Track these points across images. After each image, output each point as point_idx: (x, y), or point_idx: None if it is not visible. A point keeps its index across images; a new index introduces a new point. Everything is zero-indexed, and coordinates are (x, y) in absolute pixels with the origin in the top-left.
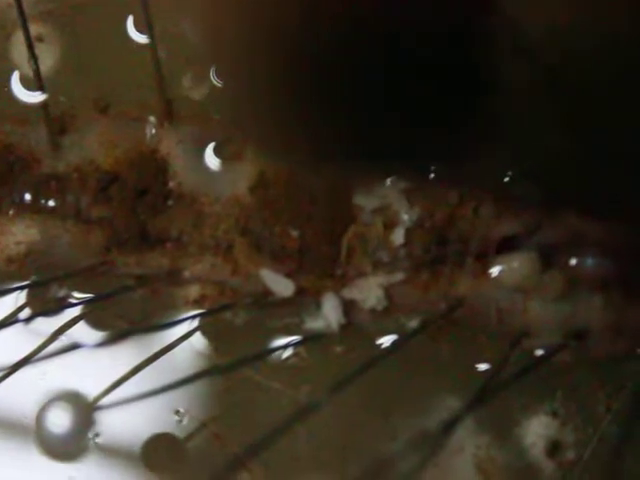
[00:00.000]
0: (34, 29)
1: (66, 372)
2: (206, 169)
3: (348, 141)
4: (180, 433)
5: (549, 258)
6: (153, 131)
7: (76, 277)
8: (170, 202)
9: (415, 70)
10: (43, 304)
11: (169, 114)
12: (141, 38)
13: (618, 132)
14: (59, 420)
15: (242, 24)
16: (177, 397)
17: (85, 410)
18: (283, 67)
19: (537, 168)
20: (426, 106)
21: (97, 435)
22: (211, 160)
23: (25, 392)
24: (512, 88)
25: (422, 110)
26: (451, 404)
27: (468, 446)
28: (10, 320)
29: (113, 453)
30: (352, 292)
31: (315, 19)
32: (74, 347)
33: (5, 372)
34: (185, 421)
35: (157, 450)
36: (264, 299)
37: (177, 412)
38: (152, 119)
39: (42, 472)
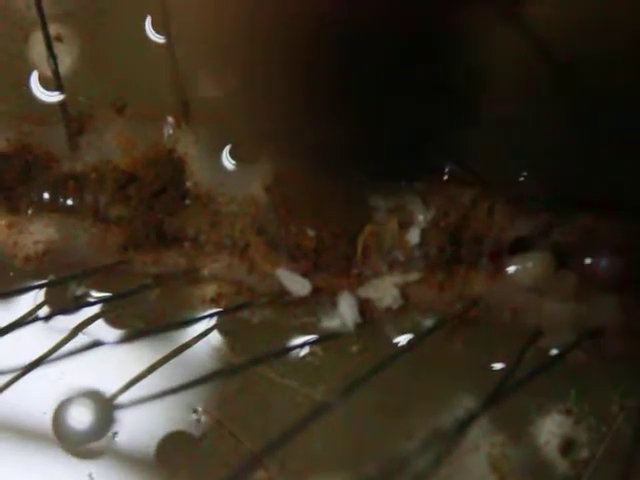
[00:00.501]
0: (53, 29)
1: (84, 370)
2: (223, 169)
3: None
4: (196, 431)
5: (563, 258)
6: (170, 131)
7: (94, 276)
8: (187, 202)
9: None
10: (61, 302)
11: (186, 114)
12: (159, 38)
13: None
14: (78, 417)
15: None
16: (194, 395)
17: (103, 408)
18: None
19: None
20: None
21: (116, 433)
22: (227, 160)
23: (44, 390)
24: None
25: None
26: (466, 403)
27: (483, 445)
28: (29, 318)
29: (131, 451)
30: (368, 291)
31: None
32: (94, 345)
33: (23, 370)
34: (202, 419)
35: (174, 448)
36: (280, 298)
37: (194, 411)
38: (170, 119)
39: (62, 469)
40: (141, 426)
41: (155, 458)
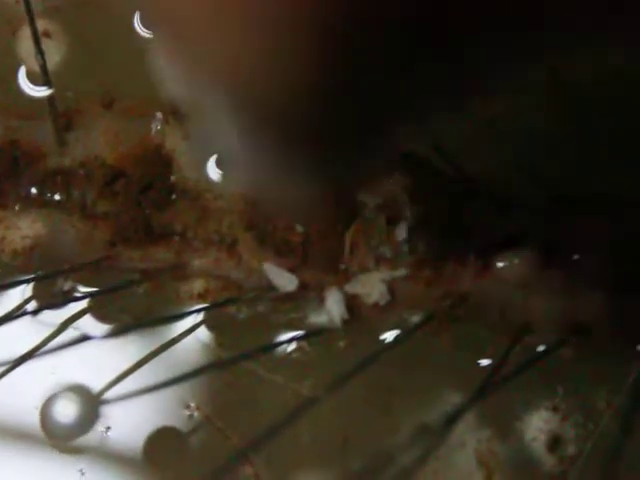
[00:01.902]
0: (41, 25)
1: (72, 365)
2: (210, 165)
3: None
4: (184, 426)
5: (550, 254)
6: (158, 127)
7: (81, 271)
8: (174, 197)
9: None
10: (49, 297)
11: (174, 110)
12: (147, 34)
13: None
14: (66, 413)
15: None
16: (181, 391)
17: (90, 403)
18: None
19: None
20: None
21: (109, 428)
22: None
23: (31, 384)
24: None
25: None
26: (453, 399)
27: (469, 440)
28: (17, 313)
29: (120, 446)
30: (355, 287)
31: None
32: (82, 340)
33: (11, 364)
34: (189, 415)
35: (161, 443)
36: (268, 293)
37: (182, 406)
38: (158, 115)
39: (52, 465)
40: (127, 421)
41: (142, 453)
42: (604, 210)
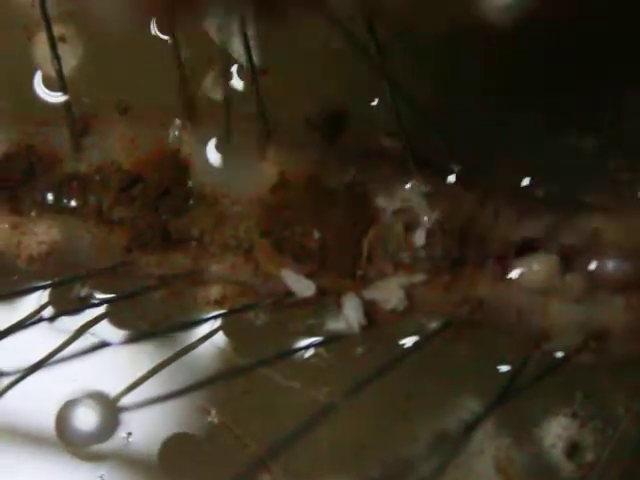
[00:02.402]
0: (56, 30)
1: (89, 371)
2: (227, 170)
3: None
4: (201, 433)
5: (569, 260)
6: (176, 133)
7: (98, 277)
8: (191, 202)
9: None
10: (65, 303)
11: (191, 115)
12: (164, 38)
13: None
14: (85, 420)
15: None
16: (198, 397)
17: (109, 410)
18: None
19: None
20: None
21: (129, 434)
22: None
23: (48, 391)
24: None
25: None
26: (471, 405)
27: (488, 447)
28: (33, 319)
29: (137, 452)
30: (373, 293)
31: None
32: (99, 346)
33: (27, 371)
34: (206, 421)
35: (178, 450)
36: (285, 300)
37: (199, 413)
38: (175, 121)
39: (73, 472)
40: (145, 428)
41: (160, 459)
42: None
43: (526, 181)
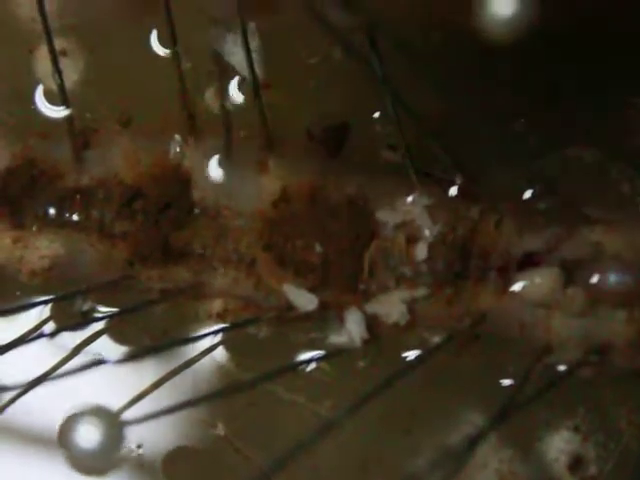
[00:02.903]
0: (58, 44)
1: (90, 386)
2: (229, 183)
3: None
4: (203, 447)
5: (571, 273)
6: (177, 148)
7: (100, 291)
8: (193, 216)
9: None
10: (67, 318)
11: (193, 128)
12: (165, 52)
13: None
14: (86, 435)
15: None
16: (200, 411)
17: (109, 424)
18: None
19: None
20: None
21: (138, 447)
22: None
23: (49, 406)
24: None
25: None
26: (474, 419)
27: (491, 461)
28: (34, 334)
29: (143, 466)
30: (375, 307)
31: None
32: (100, 362)
33: (28, 386)
34: (209, 435)
35: (181, 463)
36: (287, 314)
37: (201, 427)
38: (176, 136)
39: None
40: (147, 442)
41: (164, 472)
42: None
43: (528, 194)
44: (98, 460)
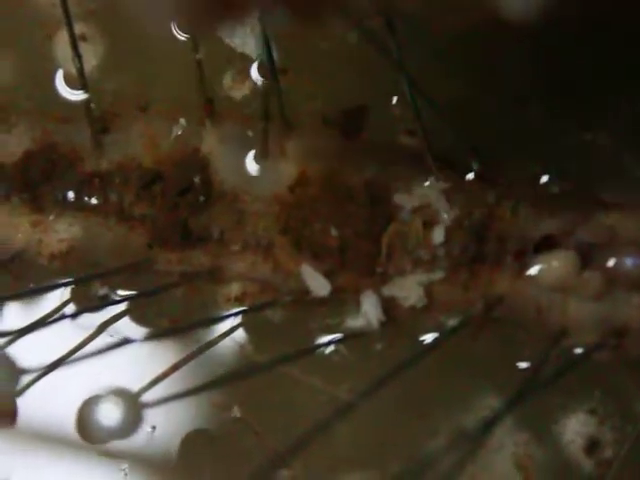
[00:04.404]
0: (78, 28)
1: (110, 368)
2: (247, 168)
3: None
4: (220, 429)
5: (588, 257)
6: (195, 130)
7: (119, 274)
8: (211, 200)
9: None
10: (87, 301)
11: (211, 113)
12: (184, 37)
13: None
14: (105, 416)
15: None
16: (217, 394)
17: (128, 406)
18: None
19: None
20: None
21: (153, 428)
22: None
23: (70, 387)
24: None
25: None
26: (490, 402)
27: (507, 444)
28: (55, 316)
29: (155, 448)
30: (392, 290)
31: None
32: (120, 343)
33: (48, 367)
34: (225, 418)
35: (198, 446)
36: (305, 297)
37: (218, 409)
38: (194, 118)
39: (96, 466)
40: (165, 424)
41: (179, 455)
42: None
43: (544, 178)
44: (113, 440)
